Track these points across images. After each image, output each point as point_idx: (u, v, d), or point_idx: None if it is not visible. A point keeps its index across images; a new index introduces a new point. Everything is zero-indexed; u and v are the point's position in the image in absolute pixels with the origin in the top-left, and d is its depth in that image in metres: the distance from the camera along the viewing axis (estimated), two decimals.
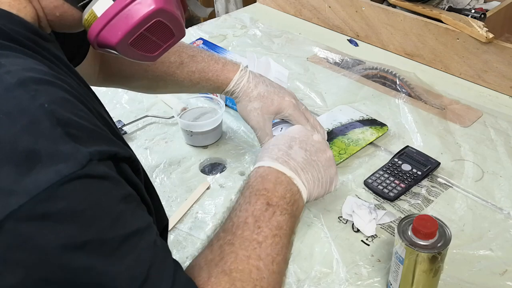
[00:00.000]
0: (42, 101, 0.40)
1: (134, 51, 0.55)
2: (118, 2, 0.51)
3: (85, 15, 0.53)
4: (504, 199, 0.89)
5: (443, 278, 0.73)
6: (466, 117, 1.10)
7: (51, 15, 0.53)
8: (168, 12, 0.53)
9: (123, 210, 0.42)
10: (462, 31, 1.18)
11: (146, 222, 0.45)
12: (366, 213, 0.84)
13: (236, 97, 0.87)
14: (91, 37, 0.53)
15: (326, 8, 1.48)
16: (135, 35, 0.52)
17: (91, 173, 0.40)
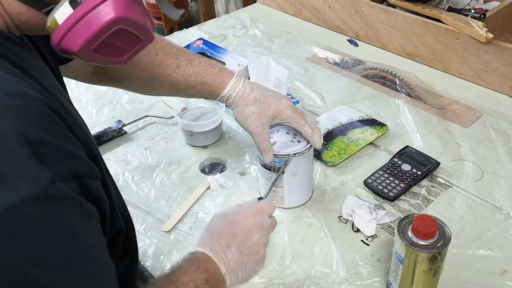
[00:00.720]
0: (11, 120, 0.41)
1: (99, 56, 0.55)
2: (78, 11, 0.51)
3: (48, 22, 0.53)
4: (504, 199, 0.89)
5: (443, 278, 0.73)
6: (466, 117, 1.10)
7: (16, 20, 0.53)
8: (130, 19, 0.53)
9: (79, 229, 0.45)
10: (462, 31, 1.19)
11: (100, 240, 0.49)
12: (366, 213, 0.84)
13: (233, 102, 0.86)
14: (53, 43, 0.53)
15: (326, 8, 1.48)
16: (97, 42, 0.53)
17: (51, 194, 0.42)
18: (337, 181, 0.95)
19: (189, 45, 1.29)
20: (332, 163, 0.98)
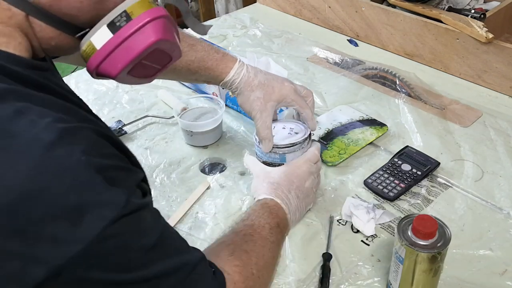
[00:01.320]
0: (78, 155, 0.45)
1: (132, 78, 0.57)
2: (118, 35, 0.52)
3: (83, 46, 0.53)
4: (504, 199, 0.89)
5: (443, 278, 0.73)
6: (466, 117, 1.10)
7: (46, 44, 0.53)
8: (168, 40, 0.54)
9: (152, 224, 0.52)
10: (462, 31, 1.19)
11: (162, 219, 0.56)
12: (363, 213, 0.84)
13: (237, 88, 0.85)
14: (90, 68, 0.54)
15: (326, 8, 1.48)
16: (133, 64, 0.54)
17: (129, 210, 0.47)
18: (337, 181, 0.95)
19: None
20: (332, 163, 0.98)
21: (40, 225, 0.42)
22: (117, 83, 1.28)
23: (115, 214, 0.45)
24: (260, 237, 0.71)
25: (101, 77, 0.56)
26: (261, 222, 0.73)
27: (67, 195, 0.43)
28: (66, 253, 0.43)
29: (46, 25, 0.52)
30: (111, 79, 0.55)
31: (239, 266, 0.64)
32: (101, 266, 0.45)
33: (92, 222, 0.44)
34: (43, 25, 0.52)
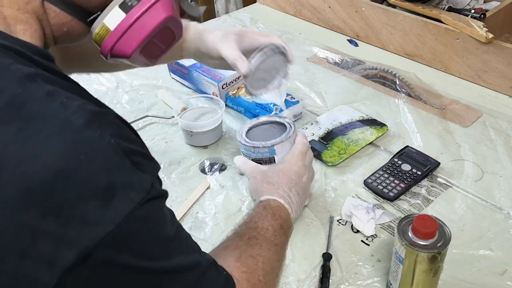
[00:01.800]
0: (108, 138, 0.46)
1: (143, 59, 0.58)
2: (131, 15, 0.53)
3: (96, 29, 0.54)
4: (504, 199, 0.89)
5: (443, 278, 0.73)
6: (466, 117, 1.10)
7: (58, 31, 0.54)
8: (175, 18, 0.56)
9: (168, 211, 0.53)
10: (462, 31, 1.19)
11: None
12: (363, 213, 0.84)
13: (198, 40, 0.83)
14: (105, 50, 0.55)
15: (326, 8, 1.48)
16: (146, 43, 0.55)
17: (154, 195, 0.48)
18: (337, 181, 0.95)
19: None
20: (332, 163, 0.98)
21: (73, 205, 0.42)
22: (117, 83, 1.29)
23: (142, 197, 0.46)
24: (265, 239, 0.70)
25: (116, 57, 0.56)
26: (265, 224, 0.73)
27: (99, 176, 0.44)
28: (96, 234, 0.43)
29: (60, 11, 0.52)
30: (125, 58, 0.56)
31: (247, 273, 0.63)
32: (128, 250, 0.46)
33: (121, 204, 0.45)
34: (57, 11, 0.52)
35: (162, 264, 0.50)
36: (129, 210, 0.45)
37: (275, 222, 0.74)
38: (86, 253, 0.43)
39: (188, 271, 0.53)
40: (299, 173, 0.81)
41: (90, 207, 0.43)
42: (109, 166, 0.45)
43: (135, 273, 0.47)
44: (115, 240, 0.44)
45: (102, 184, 0.44)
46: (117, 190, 0.45)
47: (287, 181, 0.80)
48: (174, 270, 0.51)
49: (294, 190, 0.80)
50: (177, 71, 1.25)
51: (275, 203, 0.77)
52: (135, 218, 0.46)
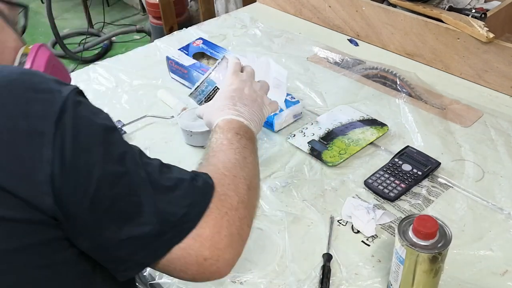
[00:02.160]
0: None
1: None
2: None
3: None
4: (505, 199, 0.89)
5: (444, 279, 0.73)
6: (466, 117, 1.10)
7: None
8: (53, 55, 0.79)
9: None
10: (463, 31, 1.18)
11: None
12: (364, 213, 0.84)
13: None
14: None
15: (326, 8, 1.47)
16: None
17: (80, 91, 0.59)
18: (337, 181, 0.95)
19: (188, 44, 1.29)
20: (332, 163, 0.98)
21: (40, 84, 0.56)
22: (116, 83, 1.28)
23: (76, 87, 0.58)
24: (221, 152, 0.72)
25: None
26: (218, 142, 0.74)
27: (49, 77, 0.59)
28: (64, 94, 0.55)
29: None
30: None
31: (209, 171, 0.67)
32: (87, 109, 0.57)
33: (67, 85, 0.57)
34: None
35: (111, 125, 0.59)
36: (74, 87, 0.57)
37: (228, 135, 0.75)
38: (63, 105, 0.54)
39: (148, 157, 0.63)
40: (239, 88, 0.83)
41: (51, 84, 0.57)
42: (48, 77, 0.58)
43: (99, 126, 0.57)
44: (75, 99, 0.56)
45: (52, 77, 0.58)
46: (61, 81, 0.58)
47: (229, 100, 0.81)
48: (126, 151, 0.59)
49: (239, 103, 0.81)
50: (177, 71, 1.25)
51: (223, 122, 0.78)
52: (79, 93, 0.57)
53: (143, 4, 3.47)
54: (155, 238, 0.58)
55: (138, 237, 0.57)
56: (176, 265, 0.60)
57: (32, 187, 0.51)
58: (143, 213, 0.57)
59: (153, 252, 0.59)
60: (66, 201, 0.53)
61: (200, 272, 0.61)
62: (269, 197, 0.91)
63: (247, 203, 0.66)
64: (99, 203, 0.54)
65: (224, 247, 0.61)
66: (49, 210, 0.52)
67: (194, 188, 0.62)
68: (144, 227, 0.57)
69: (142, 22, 3.47)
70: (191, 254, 0.59)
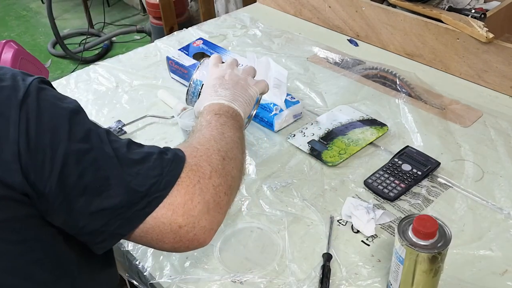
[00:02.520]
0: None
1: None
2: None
3: None
4: (504, 199, 0.89)
5: (443, 278, 0.73)
6: (466, 117, 1.10)
7: None
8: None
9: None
10: (462, 31, 1.18)
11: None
12: (363, 213, 0.84)
13: None
14: None
15: (326, 8, 1.48)
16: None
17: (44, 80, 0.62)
18: (337, 181, 0.95)
19: (189, 45, 1.29)
20: (332, 163, 0.98)
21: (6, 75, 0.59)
22: (117, 83, 1.28)
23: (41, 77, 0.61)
24: (198, 131, 0.74)
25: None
26: (197, 126, 0.76)
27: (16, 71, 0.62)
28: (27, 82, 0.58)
29: None
30: None
31: (181, 146, 0.69)
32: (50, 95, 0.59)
33: (31, 76, 0.60)
34: None
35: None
36: (37, 76, 0.60)
37: (207, 116, 0.77)
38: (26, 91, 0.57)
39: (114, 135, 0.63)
40: (219, 76, 0.85)
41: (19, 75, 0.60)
42: (14, 70, 0.60)
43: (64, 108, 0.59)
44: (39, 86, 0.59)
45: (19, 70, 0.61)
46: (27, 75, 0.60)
47: (211, 88, 0.83)
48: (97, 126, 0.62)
49: (220, 89, 0.82)
50: (177, 71, 1.25)
51: (205, 108, 0.80)
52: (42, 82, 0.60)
53: (143, 4, 3.47)
54: (127, 209, 0.59)
55: (109, 208, 0.59)
56: (152, 235, 0.61)
57: (1, 166, 0.54)
58: (110, 186, 0.58)
59: (127, 222, 0.60)
60: (34, 178, 0.55)
61: (177, 240, 0.62)
62: (269, 197, 0.92)
63: (221, 171, 0.67)
64: (66, 178, 0.56)
65: (198, 214, 0.62)
66: (19, 187, 0.54)
67: (163, 160, 0.63)
68: (114, 199, 0.59)
69: (142, 22, 3.47)
70: (164, 223, 0.61)
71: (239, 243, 0.84)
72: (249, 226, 0.86)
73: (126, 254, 0.85)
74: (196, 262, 0.81)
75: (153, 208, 0.60)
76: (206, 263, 0.80)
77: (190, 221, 0.61)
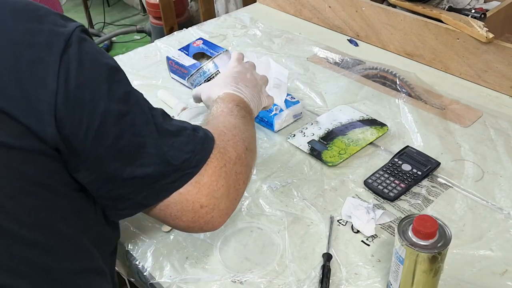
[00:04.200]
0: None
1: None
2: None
3: None
4: (504, 199, 0.89)
5: (443, 278, 0.73)
6: (466, 117, 1.10)
7: None
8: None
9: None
10: (462, 31, 1.18)
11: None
12: (363, 213, 0.84)
13: None
14: None
15: (326, 8, 1.48)
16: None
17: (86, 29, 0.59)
18: (337, 181, 0.95)
19: (189, 45, 1.29)
20: (332, 163, 0.98)
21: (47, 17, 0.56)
22: None
23: (81, 25, 0.58)
24: (221, 115, 0.75)
25: None
26: (219, 109, 0.76)
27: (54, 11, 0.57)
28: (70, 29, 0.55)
29: None
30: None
31: (209, 127, 0.69)
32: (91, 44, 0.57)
33: (73, 22, 0.58)
34: None
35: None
36: (79, 24, 0.57)
37: (229, 104, 0.77)
38: (68, 40, 0.54)
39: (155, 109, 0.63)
40: (241, 72, 0.86)
41: (57, 19, 0.56)
42: (54, 11, 0.57)
43: (105, 64, 0.58)
44: (80, 36, 0.56)
45: (58, 12, 0.57)
46: (67, 17, 0.58)
47: (231, 79, 0.84)
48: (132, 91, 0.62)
49: (242, 83, 0.83)
50: (177, 71, 1.25)
51: (226, 94, 0.80)
52: (82, 36, 0.57)
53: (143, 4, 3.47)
54: (157, 180, 0.59)
55: (141, 177, 0.58)
56: (173, 210, 0.61)
57: (35, 116, 0.51)
58: (146, 153, 0.58)
59: (154, 193, 0.60)
60: (70, 133, 0.53)
61: (195, 220, 0.62)
62: (269, 197, 0.92)
63: (243, 160, 0.68)
64: (103, 138, 0.55)
65: (220, 196, 0.63)
66: (51, 140, 0.53)
67: (196, 137, 0.63)
68: (147, 168, 0.58)
69: (143, 23, 3.47)
70: (188, 200, 0.61)
71: (239, 243, 0.84)
72: (249, 226, 0.86)
73: (126, 254, 0.85)
74: (196, 262, 0.81)
75: (182, 184, 0.60)
76: (206, 263, 0.80)
77: (212, 202, 0.62)
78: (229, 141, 0.68)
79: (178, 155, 0.60)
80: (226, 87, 0.82)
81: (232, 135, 0.69)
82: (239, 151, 0.68)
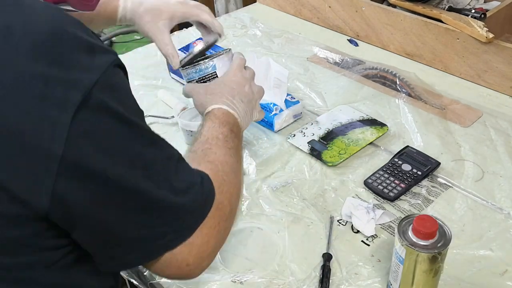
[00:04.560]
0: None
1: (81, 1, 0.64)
2: None
3: None
4: (504, 199, 0.89)
5: (443, 278, 0.73)
6: (466, 117, 1.10)
7: None
8: None
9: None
10: (462, 31, 1.18)
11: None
12: (363, 213, 0.84)
13: (130, 19, 0.93)
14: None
15: (326, 8, 1.48)
16: None
17: (120, 63, 0.55)
18: (337, 181, 0.95)
19: (189, 45, 1.29)
20: (332, 163, 0.98)
21: (70, 54, 0.50)
22: None
23: (115, 59, 0.54)
24: (218, 147, 0.73)
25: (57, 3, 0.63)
26: (214, 134, 0.75)
27: (81, 36, 0.52)
28: (91, 78, 0.50)
29: None
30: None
31: (211, 172, 0.66)
32: (116, 98, 0.52)
33: (103, 57, 0.52)
34: None
35: (138, 122, 0.58)
36: (110, 61, 0.52)
37: (224, 129, 0.76)
38: (87, 94, 0.49)
39: (168, 148, 0.63)
40: (240, 83, 0.85)
41: (82, 56, 0.51)
42: (87, 31, 0.53)
43: (123, 124, 0.53)
44: (104, 85, 0.51)
45: (85, 42, 0.52)
46: (95, 49, 0.52)
47: (229, 90, 0.83)
48: (149, 131, 0.61)
49: (238, 97, 0.82)
50: (177, 71, 1.25)
51: (220, 111, 0.80)
52: (114, 71, 0.53)
53: None
54: (154, 241, 0.58)
55: (139, 239, 0.57)
56: (157, 264, 0.60)
57: (31, 184, 0.48)
58: (151, 216, 0.56)
59: (148, 254, 0.58)
60: (71, 203, 0.50)
61: (177, 274, 0.62)
62: (269, 197, 0.92)
63: (234, 211, 0.68)
64: (108, 211, 0.53)
65: (207, 256, 0.63)
66: (42, 210, 0.50)
67: (202, 194, 0.62)
68: (146, 230, 0.57)
69: None
70: (178, 260, 0.60)
71: (239, 243, 0.84)
72: (249, 226, 0.86)
73: None
74: None
75: (177, 244, 0.59)
76: None
77: (197, 262, 0.61)
78: (226, 192, 0.66)
79: (180, 216, 0.59)
80: (221, 100, 0.81)
81: (229, 182, 0.68)
82: (233, 203, 0.67)
